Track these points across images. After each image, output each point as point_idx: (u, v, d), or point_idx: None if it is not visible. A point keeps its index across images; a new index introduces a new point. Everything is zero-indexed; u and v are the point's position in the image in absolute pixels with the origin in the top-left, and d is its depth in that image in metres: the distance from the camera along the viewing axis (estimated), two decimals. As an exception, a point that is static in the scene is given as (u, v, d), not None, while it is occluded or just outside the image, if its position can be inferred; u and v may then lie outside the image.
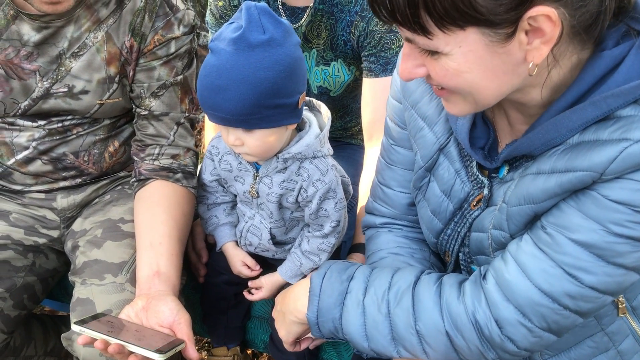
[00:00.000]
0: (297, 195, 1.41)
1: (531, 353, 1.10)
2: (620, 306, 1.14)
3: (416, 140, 1.25)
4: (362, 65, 1.76)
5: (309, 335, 1.37)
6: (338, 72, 1.82)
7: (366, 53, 1.73)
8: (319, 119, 1.44)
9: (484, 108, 1.03)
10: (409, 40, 0.96)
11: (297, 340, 1.37)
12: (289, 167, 1.39)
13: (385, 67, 1.70)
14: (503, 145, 1.13)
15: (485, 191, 1.13)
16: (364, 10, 1.68)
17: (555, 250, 0.99)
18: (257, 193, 1.44)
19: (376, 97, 1.72)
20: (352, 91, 1.90)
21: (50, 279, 1.72)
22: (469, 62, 0.93)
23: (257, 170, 1.43)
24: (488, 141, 1.13)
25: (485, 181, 1.14)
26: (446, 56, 0.93)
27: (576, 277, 0.98)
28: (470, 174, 1.17)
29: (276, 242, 1.53)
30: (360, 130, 2.05)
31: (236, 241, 1.58)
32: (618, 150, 0.90)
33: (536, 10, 0.86)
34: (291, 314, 1.29)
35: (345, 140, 2.10)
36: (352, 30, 1.71)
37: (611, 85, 0.93)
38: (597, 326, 1.15)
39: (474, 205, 1.16)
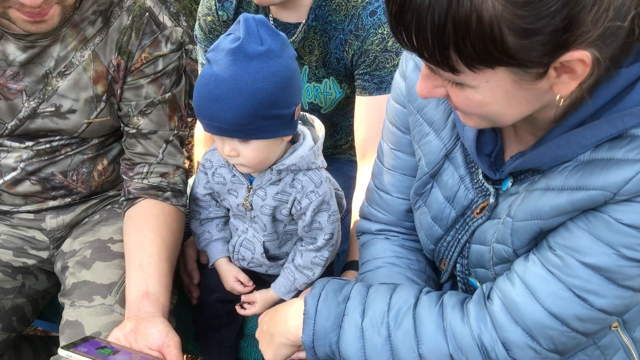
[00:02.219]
0: (291, 207, 1.40)
1: None
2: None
3: (421, 145, 1.22)
4: (356, 84, 1.76)
5: (298, 358, 1.35)
6: (330, 89, 1.81)
7: (360, 71, 1.72)
8: (312, 132, 1.44)
9: (504, 126, 1.01)
10: (432, 69, 0.93)
11: None
12: (282, 178, 1.39)
13: (380, 86, 1.70)
14: (509, 153, 1.11)
15: (492, 200, 1.11)
16: (359, 30, 1.67)
17: (565, 273, 0.97)
18: (251, 206, 1.44)
19: (370, 115, 1.72)
20: (343, 108, 1.90)
21: (40, 300, 1.71)
22: (495, 96, 0.91)
23: (251, 182, 1.43)
24: (495, 148, 1.11)
25: (491, 189, 1.12)
26: (472, 89, 0.91)
27: (586, 300, 0.97)
28: (475, 181, 1.15)
29: (269, 257, 1.52)
30: (350, 147, 2.04)
31: (229, 257, 1.57)
32: (635, 171, 0.88)
33: (570, 55, 0.83)
34: (282, 336, 1.25)
35: (335, 156, 2.09)
36: (346, 49, 1.70)
37: (629, 103, 0.90)
38: (590, 340, 1.14)
39: (477, 213, 1.14)
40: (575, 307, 0.97)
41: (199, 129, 1.98)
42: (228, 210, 1.57)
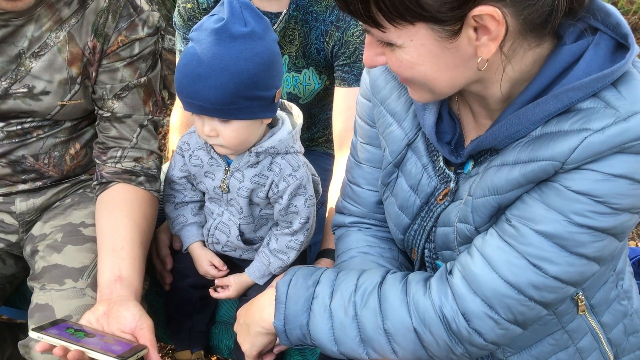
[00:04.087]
0: (268, 190, 1.42)
1: (497, 347, 1.11)
2: (579, 304, 1.16)
3: (385, 136, 1.26)
4: (335, 75, 1.77)
5: (274, 349, 1.36)
6: (309, 79, 1.82)
7: (340, 63, 1.73)
8: (291, 119, 1.46)
9: (442, 97, 1.07)
10: (366, 31, 1.00)
11: (260, 355, 1.35)
12: (261, 161, 1.41)
13: (359, 78, 1.71)
14: (469, 140, 1.16)
15: (452, 184, 1.15)
16: (340, 21, 1.69)
17: (519, 242, 1.01)
18: (228, 188, 1.45)
19: (348, 106, 1.73)
20: (321, 100, 1.91)
21: (7, 285, 1.68)
22: (421, 56, 0.97)
23: (229, 165, 1.44)
24: (454, 136, 1.15)
25: (452, 175, 1.16)
26: (400, 48, 0.97)
27: (540, 267, 1.00)
28: (437, 168, 1.19)
29: (244, 240, 1.53)
30: (327, 140, 2.06)
31: (203, 242, 1.57)
32: (579, 139, 0.93)
33: (479, 10, 0.89)
34: (257, 325, 1.27)
35: (311, 148, 2.11)
36: (327, 40, 1.71)
37: (571, 79, 0.96)
38: (558, 324, 1.18)
39: (440, 199, 1.18)
40: (530, 274, 1.01)
41: (174, 116, 1.97)
42: (203, 194, 1.57)
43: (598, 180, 0.93)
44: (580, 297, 1.15)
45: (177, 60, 1.94)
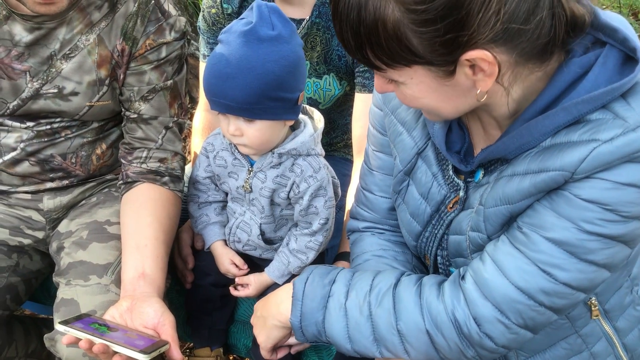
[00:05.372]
0: (289, 191, 1.45)
1: (508, 350, 1.13)
2: (593, 309, 1.17)
3: (395, 145, 1.29)
4: (356, 81, 1.80)
5: (287, 342, 1.39)
6: (329, 85, 1.85)
7: (361, 69, 1.77)
8: (312, 122, 1.50)
9: (451, 119, 1.11)
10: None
11: (275, 349, 1.38)
12: (283, 162, 1.45)
13: None
14: (478, 149, 1.18)
15: (461, 193, 1.17)
16: None
17: (530, 249, 1.03)
18: (251, 188, 1.48)
19: (368, 112, 1.75)
20: (340, 105, 1.93)
21: (33, 280, 1.72)
22: (422, 91, 1.01)
23: (252, 165, 1.48)
24: (463, 145, 1.18)
25: (461, 184, 1.18)
26: (402, 84, 1.02)
27: (550, 273, 1.02)
28: (447, 177, 1.21)
29: (265, 239, 1.56)
30: (346, 145, 2.08)
31: (225, 241, 1.61)
32: (588, 150, 0.94)
33: (469, 55, 0.93)
34: (273, 318, 1.30)
35: (330, 154, 2.13)
36: None
37: (580, 91, 0.98)
38: (571, 328, 1.19)
39: (450, 208, 1.20)
40: (540, 280, 1.03)
41: (196, 120, 2.00)
42: (226, 194, 1.60)
43: (607, 189, 0.95)
44: (593, 302, 1.16)
45: (200, 64, 1.99)
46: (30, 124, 1.57)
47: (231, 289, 1.58)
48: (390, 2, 0.91)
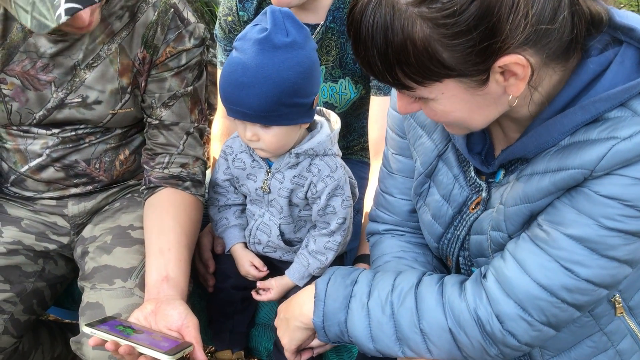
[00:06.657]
0: (307, 191, 1.47)
1: (531, 348, 1.13)
2: (617, 306, 1.17)
3: (416, 148, 1.30)
4: (371, 84, 1.81)
5: (311, 345, 1.40)
6: (345, 89, 1.87)
7: None
8: (329, 124, 1.52)
9: (478, 130, 1.11)
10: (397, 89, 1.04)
11: (299, 351, 1.40)
12: (300, 162, 1.47)
13: None
14: (498, 150, 1.19)
15: (484, 194, 1.18)
16: None
17: (551, 246, 1.03)
18: (269, 189, 1.51)
19: (384, 115, 1.75)
20: (357, 109, 1.95)
21: (58, 285, 1.76)
22: (453, 104, 1.01)
23: (270, 166, 1.50)
24: (484, 147, 1.19)
25: (483, 184, 1.19)
26: (433, 101, 1.02)
27: (572, 270, 1.03)
28: (468, 178, 1.22)
29: (285, 240, 1.58)
30: (362, 148, 2.09)
31: (245, 243, 1.63)
32: (607, 147, 0.95)
33: (503, 61, 0.93)
34: (296, 320, 1.32)
35: (347, 157, 2.14)
36: None
37: (598, 90, 0.98)
38: (596, 326, 1.19)
39: (473, 209, 1.21)
40: (561, 277, 1.03)
41: (215, 126, 2.03)
42: (245, 197, 1.62)
43: (627, 185, 0.95)
44: (617, 299, 1.16)
45: (218, 71, 2.02)
46: (56, 130, 1.61)
47: (253, 293, 1.60)
48: (417, 19, 0.91)
